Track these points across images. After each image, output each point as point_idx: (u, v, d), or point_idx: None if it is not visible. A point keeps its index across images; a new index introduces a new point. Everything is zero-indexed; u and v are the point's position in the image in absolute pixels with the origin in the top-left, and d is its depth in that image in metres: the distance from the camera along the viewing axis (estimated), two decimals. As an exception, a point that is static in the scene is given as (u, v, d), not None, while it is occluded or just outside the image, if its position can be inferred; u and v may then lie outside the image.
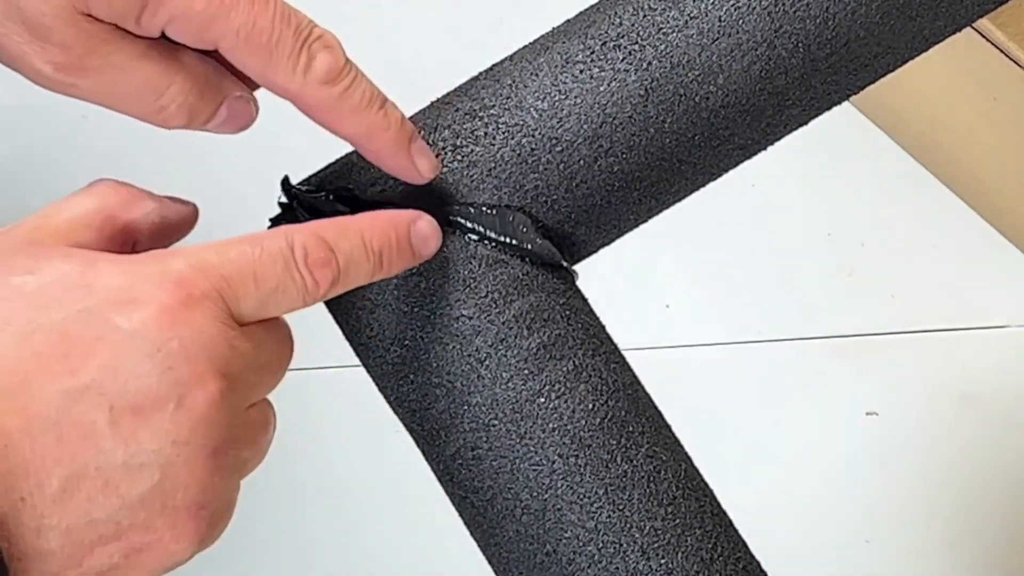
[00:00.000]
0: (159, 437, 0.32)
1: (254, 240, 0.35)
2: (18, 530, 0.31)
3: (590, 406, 0.43)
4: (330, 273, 0.36)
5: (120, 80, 0.37)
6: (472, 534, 0.46)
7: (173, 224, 0.38)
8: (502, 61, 0.47)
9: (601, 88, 0.45)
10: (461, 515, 0.45)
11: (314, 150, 0.50)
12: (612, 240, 0.48)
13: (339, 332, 0.47)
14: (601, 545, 0.42)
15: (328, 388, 1.06)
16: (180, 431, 0.32)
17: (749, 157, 0.49)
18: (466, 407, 0.43)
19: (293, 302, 0.36)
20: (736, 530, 0.45)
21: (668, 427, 0.46)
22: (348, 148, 0.47)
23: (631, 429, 0.43)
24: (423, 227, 0.40)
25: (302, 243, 0.35)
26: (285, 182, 0.44)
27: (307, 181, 0.45)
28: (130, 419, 0.31)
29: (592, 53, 0.45)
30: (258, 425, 0.37)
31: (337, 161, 0.46)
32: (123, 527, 0.32)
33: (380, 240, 0.38)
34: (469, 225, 0.44)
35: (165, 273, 0.33)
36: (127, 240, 0.37)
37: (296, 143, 1.10)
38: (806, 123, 0.49)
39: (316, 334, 0.49)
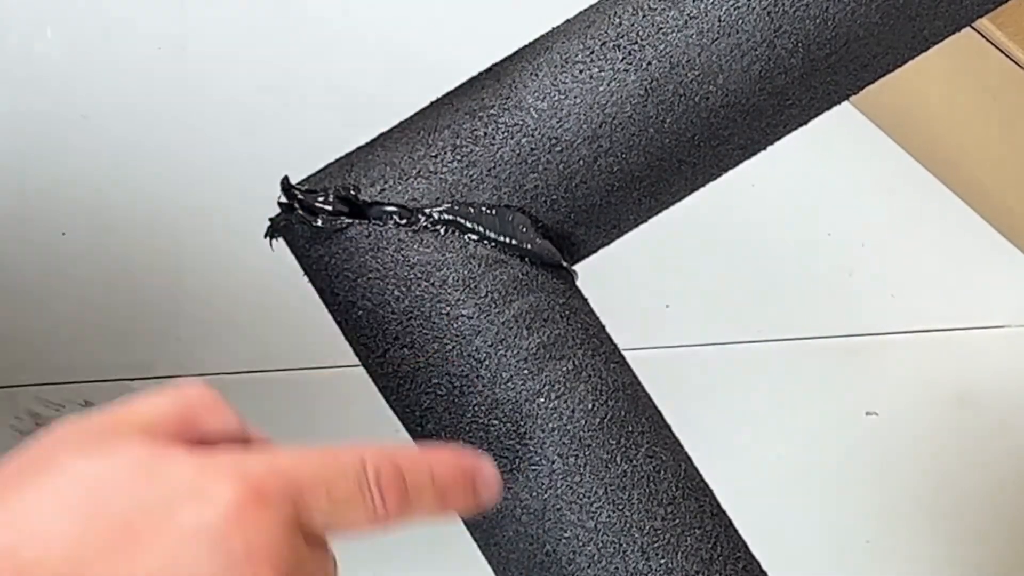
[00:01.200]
0: None
1: (328, 451, 0.34)
2: None
3: (590, 406, 0.43)
4: (399, 499, 0.35)
5: None
6: (472, 534, 0.46)
7: (252, 439, 0.37)
8: (502, 61, 0.47)
9: (601, 88, 0.45)
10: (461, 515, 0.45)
11: (314, 150, 0.50)
12: (612, 240, 0.48)
13: (339, 332, 0.47)
14: (601, 545, 0.42)
15: (328, 388, 1.06)
16: None
17: (749, 157, 0.49)
18: (466, 407, 0.43)
19: (360, 521, 0.35)
20: (736, 530, 0.45)
21: (668, 427, 0.46)
22: (348, 148, 0.47)
23: (631, 429, 0.43)
24: (488, 474, 0.38)
25: (375, 463, 0.35)
26: (285, 182, 0.44)
27: (307, 181, 0.45)
28: None
29: (592, 53, 0.45)
30: None
31: (337, 161, 0.46)
32: None
33: (447, 478, 0.37)
34: (469, 225, 0.44)
35: (239, 470, 0.32)
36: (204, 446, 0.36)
37: (296, 143, 1.10)
38: (806, 123, 0.49)
39: (316, 334, 0.49)
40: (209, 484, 0.32)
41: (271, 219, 0.45)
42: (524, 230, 0.44)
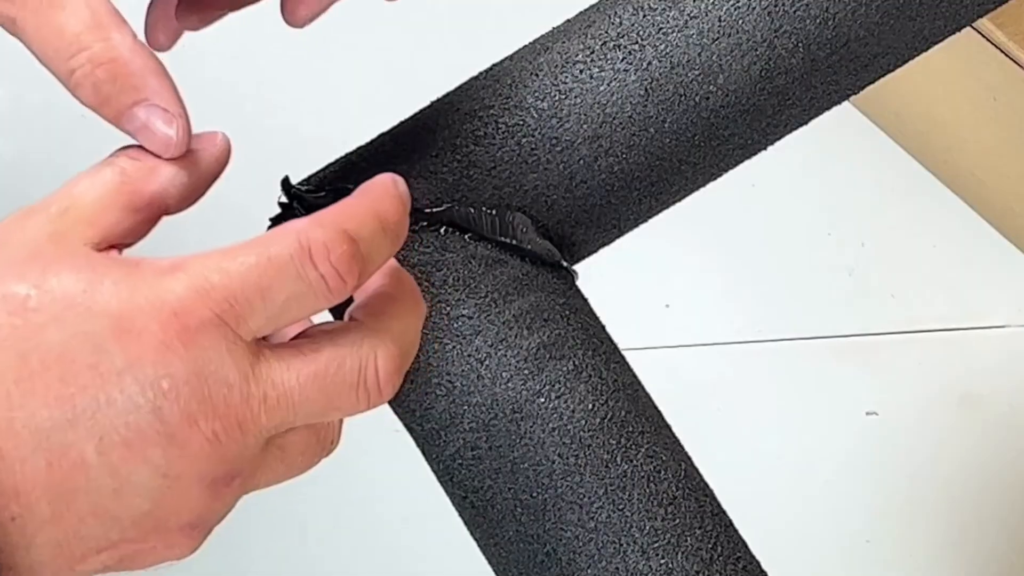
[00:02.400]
0: (149, 471, 0.31)
1: (259, 247, 0.33)
2: (7, 545, 0.30)
3: (590, 406, 0.43)
4: (357, 267, 0.33)
5: (53, 18, 0.34)
6: (472, 534, 0.46)
7: (203, 175, 0.36)
8: (502, 61, 0.47)
9: (601, 88, 0.45)
10: (461, 515, 0.45)
11: (314, 150, 0.50)
12: (612, 240, 0.48)
13: (339, 332, 0.47)
14: (601, 545, 0.42)
15: (328, 388, 1.06)
16: (171, 466, 0.31)
17: (749, 157, 0.49)
18: (466, 407, 0.43)
19: (313, 306, 0.33)
20: (736, 530, 0.45)
21: (668, 427, 0.46)
22: (348, 148, 0.47)
23: (631, 429, 0.43)
24: (402, 183, 0.37)
25: (322, 241, 0.33)
26: (285, 182, 0.44)
27: (307, 181, 0.45)
28: (120, 452, 0.31)
29: (592, 53, 0.45)
30: (295, 451, 0.35)
31: (337, 161, 0.46)
32: (115, 541, 0.32)
33: (394, 214, 0.35)
34: (469, 225, 0.44)
35: (163, 302, 0.32)
36: (156, 211, 0.35)
37: (296, 143, 1.10)
38: (806, 123, 0.49)
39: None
40: (135, 321, 0.31)
41: (271, 219, 0.45)
42: (524, 230, 0.44)
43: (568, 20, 0.47)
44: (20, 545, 0.31)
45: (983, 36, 0.99)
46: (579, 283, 0.47)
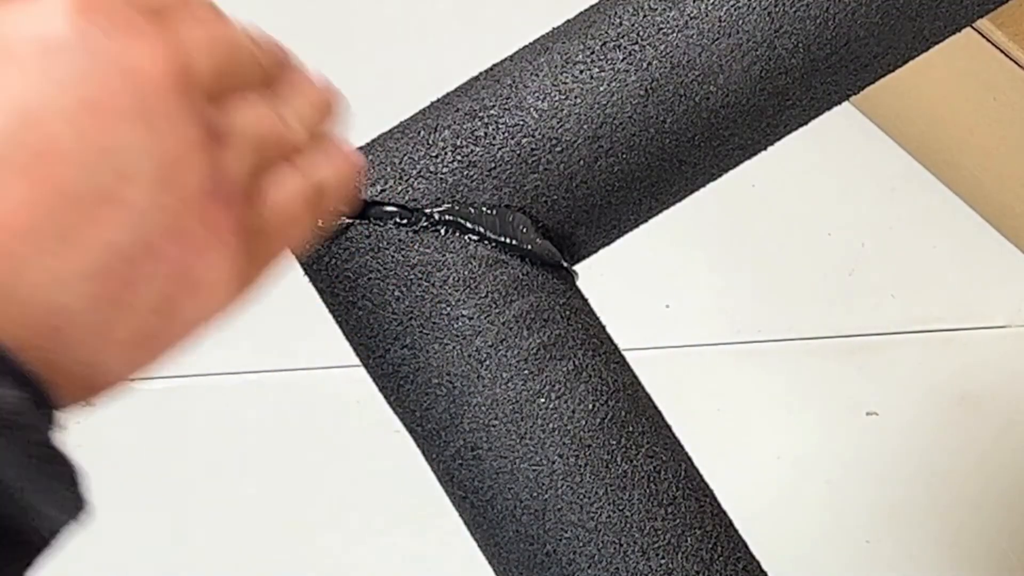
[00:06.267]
0: (131, 122, 0.27)
1: None
2: (23, 297, 0.26)
3: (590, 406, 0.43)
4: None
5: None
6: (472, 534, 0.46)
7: None
8: (502, 61, 0.47)
9: (601, 88, 0.45)
10: (461, 515, 0.45)
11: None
12: (612, 240, 0.48)
13: (339, 332, 0.47)
14: (601, 545, 0.42)
15: (328, 388, 1.06)
16: (148, 102, 0.27)
17: (749, 157, 0.49)
18: (466, 407, 0.43)
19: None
20: (736, 530, 0.45)
21: (668, 427, 0.46)
22: (348, 148, 0.47)
23: (631, 429, 0.43)
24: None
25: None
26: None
27: (307, 181, 0.45)
28: (92, 120, 0.27)
29: (592, 53, 0.45)
30: (257, 104, 0.32)
31: (337, 161, 0.46)
32: (152, 239, 0.27)
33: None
34: (469, 225, 0.44)
35: None
36: None
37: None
38: (806, 123, 0.49)
39: (316, 334, 0.49)
40: None
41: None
42: (524, 230, 0.44)
43: (568, 20, 0.47)
44: (47, 288, 0.26)
45: (983, 36, 0.99)
46: (579, 283, 0.47)
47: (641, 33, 0.45)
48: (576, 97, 0.45)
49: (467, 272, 0.44)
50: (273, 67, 0.34)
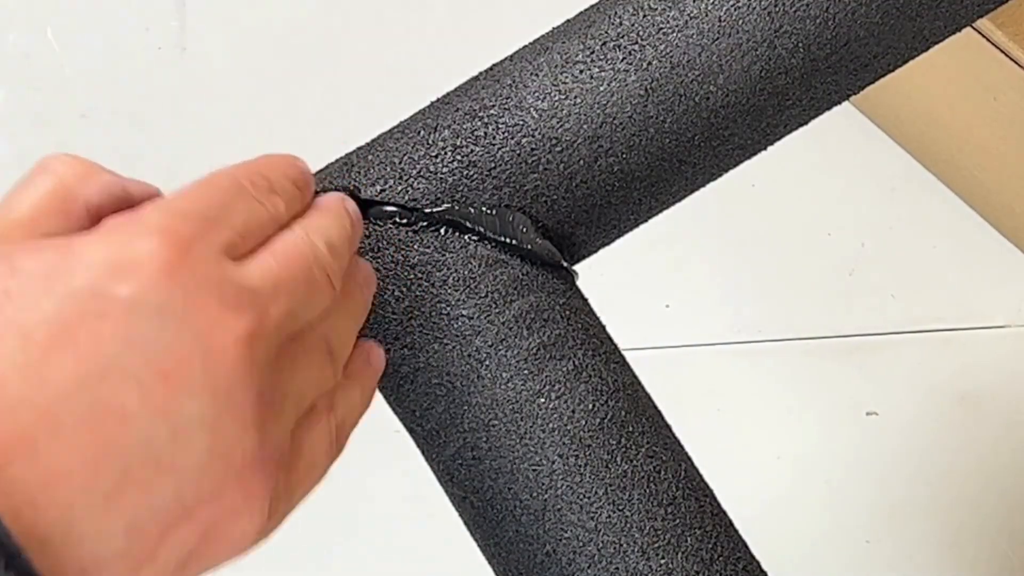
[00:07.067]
0: (197, 395, 0.29)
1: (200, 182, 0.33)
2: (69, 547, 0.27)
3: (590, 406, 0.43)
4: (280, 199, 0.35)
5: None
6: (472, 534, 0.46)
7: (136, 199, 0.35)
8: (502, 61, 0.47)
9: (601, 88, 0.45)
10: (461, 515, 0.45)
11: (314, 150, 0.50)
12: (612, 240, 0.48)
13: (339, 332, 0.47)
14: (601, 545, 0.42)
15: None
16: (218, 382, 0.29)
17: (749, 157, 0.49)
18: (466, 407, 0.43)
19: (265, 224, 0.34)
20: (736, 530, 0.45)
21: (668, 427, 0.46)
22: (348, 148, 0.47)
23: (631, 429, 0.43)
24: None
25: (247, 175, 0.34)
26: (285, 182, 0.44)
27: (307, 181, 0.45)
28: (162, 388, 0.29)
29: (592, 53, 0.45)
30: (313, 349, 0.34)
31: (337, 161, 0.46)
32: (189, 503, 0.29)
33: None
34: (469, 225, 0.44)
35: (146, 228, 0.30)
36: (93, 218, 0.34)
37: (297, 143, 1.10)
38: (806, 123, 0.49)
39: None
40: (125, 253, 0.30)
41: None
42: (524, 230, 0.44)
43: (568, 20, 0.47)
44: (87, 536, 0.27)
45: (983, 36, 0.99)
46: (579, 283, 0.47)
47: (641, 33, 0.45)
48: (576, 97, 0.45)
49: (467, 272, 0.44)
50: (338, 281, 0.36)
